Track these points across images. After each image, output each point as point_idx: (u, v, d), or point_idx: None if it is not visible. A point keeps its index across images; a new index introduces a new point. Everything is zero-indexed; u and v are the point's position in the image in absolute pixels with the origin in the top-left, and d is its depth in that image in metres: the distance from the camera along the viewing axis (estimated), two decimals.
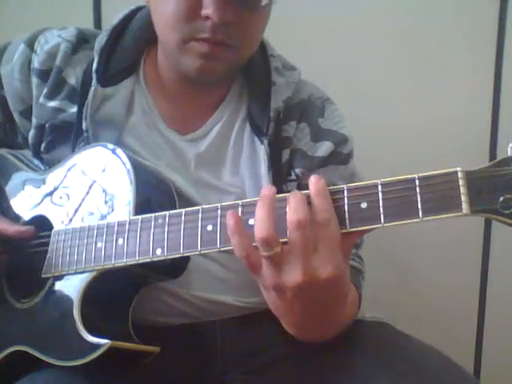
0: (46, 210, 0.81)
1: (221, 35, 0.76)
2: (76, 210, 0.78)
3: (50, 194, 0.82)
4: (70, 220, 0.78)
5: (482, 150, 1.38)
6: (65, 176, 0.82)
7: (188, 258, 0.77)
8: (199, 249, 0.66)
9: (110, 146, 0.79)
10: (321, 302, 0.64)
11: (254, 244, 0.61)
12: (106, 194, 0.76)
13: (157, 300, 0.84)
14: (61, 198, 0.81)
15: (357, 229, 0.60)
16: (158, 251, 0.69)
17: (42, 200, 0.82)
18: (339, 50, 1.31)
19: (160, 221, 0.70)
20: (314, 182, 0.61)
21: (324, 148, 0.87)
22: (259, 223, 0.59)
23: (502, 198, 0.55)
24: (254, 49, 0.84)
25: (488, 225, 1.42)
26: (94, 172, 0.79)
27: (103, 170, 0.78)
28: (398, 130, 1.34)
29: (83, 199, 0.78)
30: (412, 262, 1.42)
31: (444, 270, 1.41)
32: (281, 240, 0.60)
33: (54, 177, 0.83)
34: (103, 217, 0.75)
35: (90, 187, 0.78)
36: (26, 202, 0.84)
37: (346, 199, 0.61)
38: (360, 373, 0.76)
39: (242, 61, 0.84)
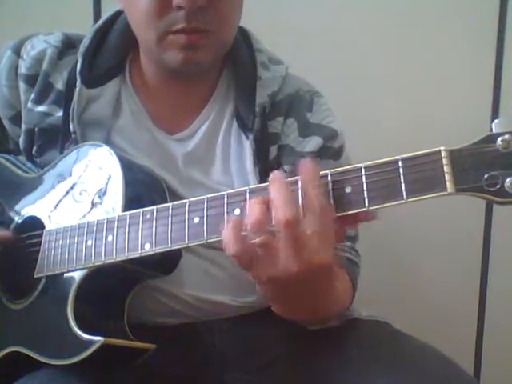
0: (41, 210, 0.81)
1: (195, 22, 0.75)
2: (67, 208, 0.78)
3: (46, 194, 0.82)
4: (62, 217, 0.78)
5: None
6: (57, 177, 0.82)
7: (180, 253, 0.77)
8: (187, 242, 0.66)
9: (99, 144, 0.79)
10: (314, 289, 0.63)
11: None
12: (96, 192, 0.76)
13: (153, 300, 0.84)
14: (55, 197, 0.81)
15: (342, 214, 0.59)
16: (147, 246, 0.69)
17: (36, 201, 0.83)
18: (337, 47, 1.30)
19: (148, 216, 0.70)
20: (306, 169, 0.59)
21: (312, 143, 0.86)
22: (249, 210, 0.59)
23: (486, 176, 0.54)
24: (233, 33, 0.83)
25: (488, 223, 1.41)
26: (85, 171, 0.79)
27: (94, 169, 0.78)
28: (396, 128, 1.33)
29: (74, 197, 0.78)
30: (411, 261, 1.40)
31: (444, 269, 1.39)
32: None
33: (48, 178, 0.83)
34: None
35: (83, 186, 0.78)
36: (19, 204, 0.85)
37: (330, 184, 0.60)
38: (358, 371, 0.75)
39: (223, 47, 0.83)
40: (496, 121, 0.56)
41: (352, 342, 0.79)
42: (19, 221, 0.83)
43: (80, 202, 0.78)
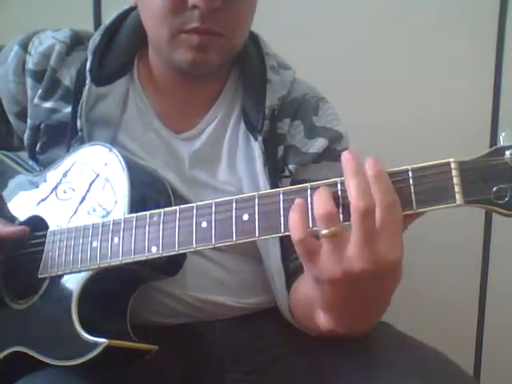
0: (43, 209, 0.81)
1: (209, 23, 0.76)
2: (77, 208, 0.78)
3: (48, 193, 0.82)
4: (71, 217, 0.78)
5: (482, 147, 1.37)
6: (63, 175, 0.81)
7: (184, 255, 0.77)
8: (194, 246, 0.66)
9: (107, 144, 0.79)
10: (379, 289, 0.61)
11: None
12: (103, 193, 0.76)
13: (155, 301, 0.84)
14: (64, 194, 0.80)
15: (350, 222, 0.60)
16: (154, 249, 0.69)
17: (39, 200, 0.82)
18: (338, 51, 1.31)
19: (155, 218, 0.70)
20: (372, 163, 0.57)
21: (318, 144, 0.86)
22: (319, 200, 0.58)
23: (495, 188, 0.55)
24: (244, 36, 0.84)
25: (488, 224, 1.42)
26: (90, 171, 0.78)
27: (99, 170, 0.78)
28: (397, 127, 1.34)
29: (84, 197, 0.78)
30: (412, 261, 1.40)
31: (444, 269, 1.40)
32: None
33: (51, 177, 0.83)
34: (104, 214, 0.75)
35: (90, 186, 0.78)
36: (22, 203, 0.84)
37: (340, 192, 0.60)
38: (359, 372, 0.76)
39: (234, 50, 0.83)
40: (503, 134, 0.57)
41: (354, 343, 0.78)
42: (22, 220, 0.83)
43: (84, 203, 0.77)
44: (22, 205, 0.84)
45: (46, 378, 0.72)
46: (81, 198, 0.78)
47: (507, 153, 0.56)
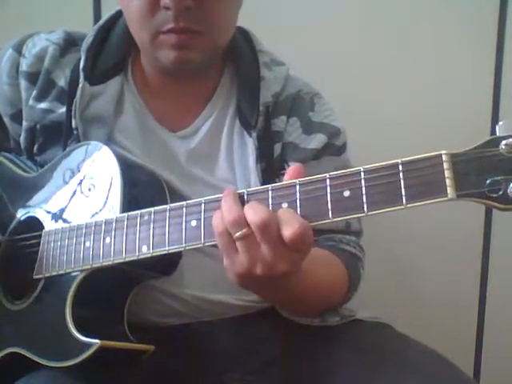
0: (39, 211, 0.81)
1: (184, 22, 0.76)
2: (65, 208, 0.78)
3: (42, 194, 0.82)
4: (61, 217, 0.78)
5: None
6: (56, 177, 0.81)
7: (179, 254, 0.77)
8: (184, 245, 0.66)
9: (98, 144, 0.78)
10: (280, 287, 0.66)
11: None
12: (95, 193, 0.76)
13: (154, 300, 0.83)
14: (54, 197, 0.80)
15: (340, 219, 0.58)
16: (144, 248, 0.68)
17: (35, 201, 0.82)
18: (337, 48, 1.29)
19: (146, 217, 0.69)
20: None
21: (317, 140, 0.86)
22: (225, 206, 0.61)
23: (489, 181, 0.52)
24: (227, 34, 0.83)
25: (488, 224, 1.40)
26: (84, 171, 0.78)
27: (93, 169, 0.78)
28: (396, 128, 1.33)
29: (73, 198, 0.78)
30: (412, 261, 1.40)
31: (444, 269, 1.38)
32: None
33: (47, 180, 0.83)
34: (94, 214, 0.75)
35: (81, 186, 0.78)
36: (18, 204, 0.84)
37: (328, 188, 0.59)
38: (358, 373, 0.75)
39: (217, 47, 0.83)
40: (500, 123, 0.55)
41: (353, 344, 0.78)
42: (19, 220, 0.83)
43: (82, 202, 0.77)
44: (20, 205, 0.84)
45: (45, 378, 0.72)
46: (77, 200, 0.77)
47: (503, 143, 0.53)
